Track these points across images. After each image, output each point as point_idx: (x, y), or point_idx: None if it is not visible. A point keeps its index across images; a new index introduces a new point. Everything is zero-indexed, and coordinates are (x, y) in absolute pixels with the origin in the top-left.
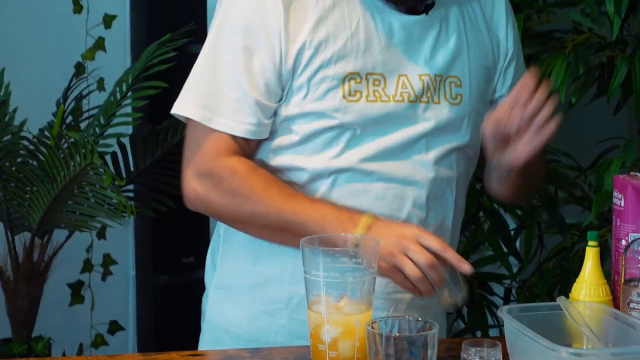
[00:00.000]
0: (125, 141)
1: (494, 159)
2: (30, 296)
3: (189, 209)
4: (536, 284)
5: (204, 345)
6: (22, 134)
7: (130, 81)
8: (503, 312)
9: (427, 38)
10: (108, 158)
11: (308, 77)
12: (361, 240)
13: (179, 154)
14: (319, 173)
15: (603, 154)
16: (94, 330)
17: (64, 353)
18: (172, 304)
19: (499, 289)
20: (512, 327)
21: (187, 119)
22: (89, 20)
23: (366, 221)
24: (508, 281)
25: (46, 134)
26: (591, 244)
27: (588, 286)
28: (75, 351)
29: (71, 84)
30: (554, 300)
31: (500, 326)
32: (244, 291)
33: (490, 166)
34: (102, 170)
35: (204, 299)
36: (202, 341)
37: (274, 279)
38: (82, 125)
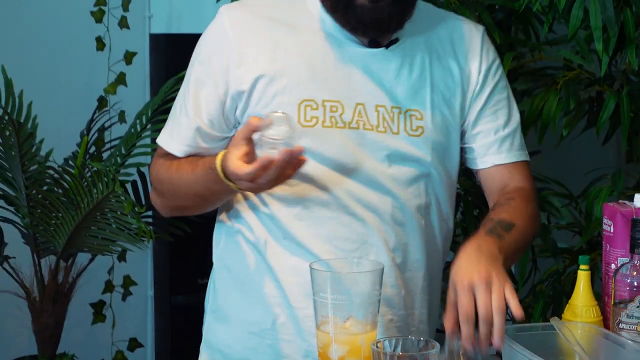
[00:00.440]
0: (145, 170)
1: None
2: (55, 315)
3: (204, 233)
4: (530, 304)
5: None
6: (48, 163)
7: (149, 114)
8: None
9: (387, 70)
10: (129, 186)
11: (265, 104)
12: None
13: None
14: (282, 200)
15: (593, 182)
16: (115, 347)
17: None
18: (188, 322)
19: None
20: (509, 346)
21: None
22: (111, 57)
23: (218, 161)
24: None
25: (70, 163)
26: (582, 267)
27: (580, 307)
28: None
29: (94, 116)
30: (548, 320)
31: None
32: (233, 314)
33: None
34: (123, 198)
35: (204, 320)
36: None
37: (260, 303)
38: (105, 155)
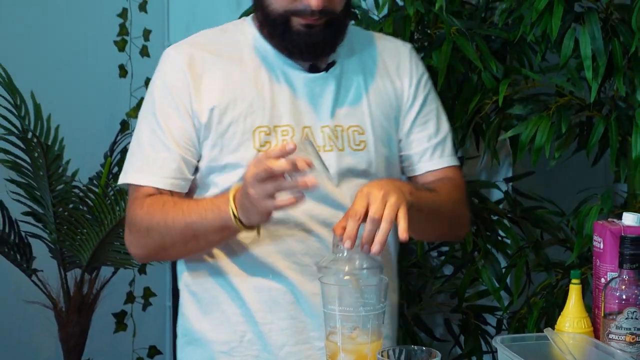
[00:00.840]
0: None
1: None
2: (80, 325)
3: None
4: (525, 315)
5: None
6: (74, 183)
7: None
8: (497, 341)
9: (328, 92)
10: None
11: (221, 133)
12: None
13: None
14: None
15: (583, 201)
16: (135, 354)
17: None
18: None
19: (492, 320)
20: (505, 355)
21: (127, 185)
22: (133, 84)
23: (231, 194)
24: (500, 313)
25: (95, 183)
26: (574, 281)
27: (572, 319)
28: None
29: (117, 139)
30: (541, 330)
31: (493, 352)
32: (202, 336)
33: None
34: None
35: (176, 344)
36: None
37: (226, 322)
38: None
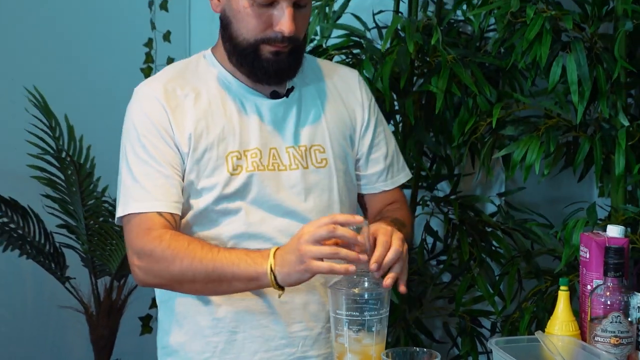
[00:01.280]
0: None
1: None
2: (109, 327)
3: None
4: (517, 319)
5: None
6: (104, 198)
7: None
8: (492, 343)
9: (290, 116)
10: None
11: (197, 160)
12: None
13: None
14: (215, 238)
15: (570, 214)
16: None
17: None
18: None
19: (486, 323)
20: (499, 356)
21: (121, 217)
22: None
23: (272, 250)
24: (494, 316)
25: None
26: (562, 288)
27: (560, 322)
28: None
29: None
30: (532, 333)
31: (488, 353)
32: (179, 348)
33: None
34: None
35: (158, 356)
36: None
37: (199, 335)
38: None
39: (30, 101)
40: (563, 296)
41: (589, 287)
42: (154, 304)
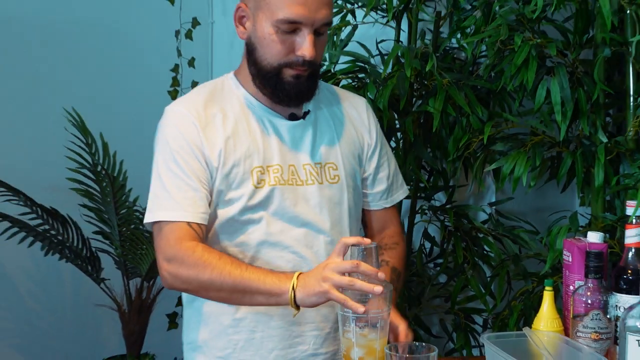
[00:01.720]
0: None
1: None
2: (140, 323)
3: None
4: (506, 316)
5: None
6: (135, 207)
7: None
8: (484, 338)
9: (306, 136)
10: None
11: (225, 174)
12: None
13: None
14: (240, 245)
15: (554, 222)
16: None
17: None
18: None
19: (479, 319)
20: (490, 350)
21: (153, 223)
22: None
23: (296, 274)
24: (486, 314)
25: None
26: (547, 289)
27: (545, 320)
28: None
29: None
30: (521, 329)
31: (480, 347)
32: (203, 344)
33: None
34: None
35: (183, 350)
36: None
37: (222, 333)
38: None
39: (69, 121)
40: (548, 296)
41: (571, 287)
42: (179, 303)
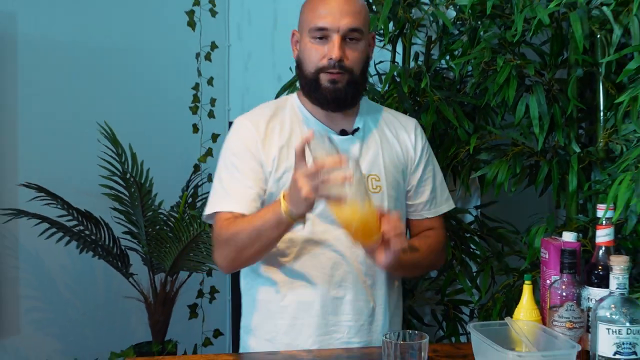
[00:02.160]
0: None
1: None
2: (164, 314)
3: None
4: (490, 307)
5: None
6: (160, 210)
7: None
8: (470, 327)
9: (354, 150)
10: None
11: (277, 178)
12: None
13: None
14: (290, 243)
15: (533, 223)
16: (204, 335)
17: (185, 352)
18: None
19: (466, 310)
20: (476, 337)
21: (214, 215)
22: (202, 137)
23: (281, 195)
24: (472, 305)
25: (175, 210)
26: (527, 282)
27: (525, 310)
28: (192, 350)
29: (191, 178)
30: (503, 319)
31: (467, 334)
32: (253, 328)
33: None
34: (210, 235)
35: (240, 333)
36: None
37: (270, 318)
38: (198, 204)
39: (101, 134)
40: (527, 289)
41: (548, 281)
42: (199, 295)
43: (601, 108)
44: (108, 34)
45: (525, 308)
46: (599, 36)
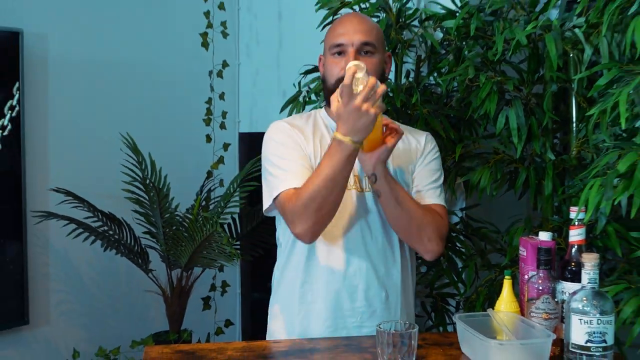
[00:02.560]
0: (236, 217)
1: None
2: (180, 306)
3: (270, 255)
4: (474, 300)
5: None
6: (176, 213)
7: (238, 182)
8: (456, 317)
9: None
10: (226, 227)
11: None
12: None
13: (266, 223)
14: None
15: (513, 223)
16: (216, 325)
17: (199, 340)
18: (261, 310)
19: (452, 302)
20: (461, 327)
21: (271, 205)
22: (215, 147)
23: (333, 134)
24: (458, 298)
25: (190, 212)
26: (507, 277)
27: (506, 302)
28: (205, 338)
29: (204, 183)
30: (486, 310)
31: (453, 324)
32: (277, 312)
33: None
34: (221, 234)
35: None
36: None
37: (289, 304)
38: (211, 207)
39: (123, 143)
40: (507, 283)
41: (526, 276)
42: (212, 288)
43: (574, 120)
44: (130, 54)
45: (506, 300)
46: (571, 55)
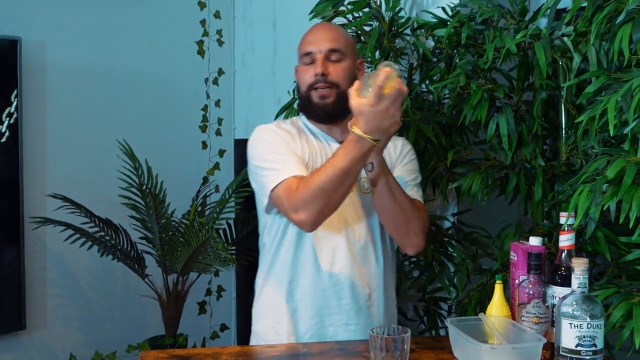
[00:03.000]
0: (231, 222)
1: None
2: (176, 310)
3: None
4: (466, 304)
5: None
6: (172, 218)
7: (234, 187)
8: (448, 321)
9: None
10: (221, 232)
11: None
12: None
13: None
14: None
15: (504, 228)
16: (212, 329)
17: (194, 344)
18: None
19: (445, 306)
20: (453, 331)
21: (270, 198)
22: (211, 152)
23: (353, 130)
24: (450, 302)
25: (186, 218)
26: (498, 282)
27: (497, 307)
28: (200, 343)
29: (200, 189)
30: (477, 314)
31: (445, 328)
32: (263, 312)
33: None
34: (217, 240)
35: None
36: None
37: (276, 303)
38: (207, 212)
39: (120, 149)
40: (498, 288)
41: (517, 281)
42: (207, 293)
43: (563, 127)
44: (127, 61)
45: (497, 305)
46: (560, 63)
